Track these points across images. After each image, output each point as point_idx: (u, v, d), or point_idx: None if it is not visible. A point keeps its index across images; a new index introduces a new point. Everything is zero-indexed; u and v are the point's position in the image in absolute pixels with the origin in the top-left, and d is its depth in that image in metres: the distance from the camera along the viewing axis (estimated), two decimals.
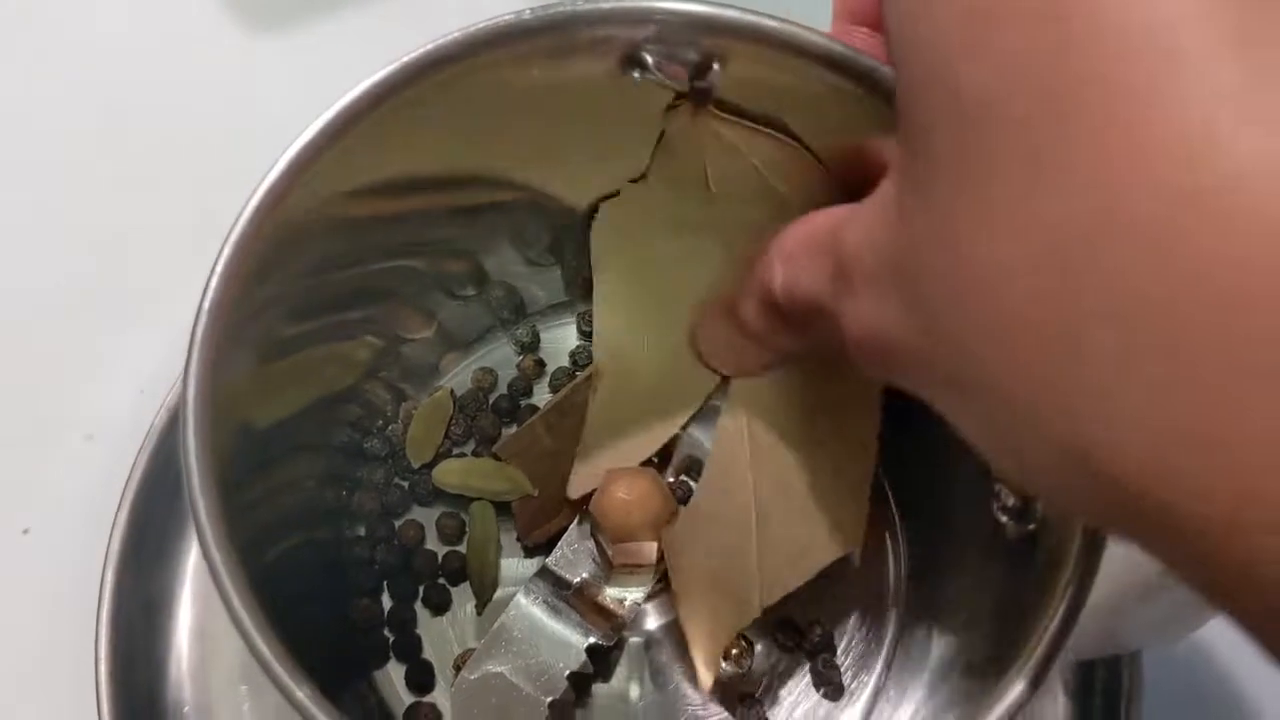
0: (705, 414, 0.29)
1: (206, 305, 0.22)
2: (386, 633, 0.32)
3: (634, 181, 0.27)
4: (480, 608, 0.32)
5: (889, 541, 0.32)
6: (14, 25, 0.44)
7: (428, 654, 0.31)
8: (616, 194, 0.28)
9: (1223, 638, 0.32)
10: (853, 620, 0.32)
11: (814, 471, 0.27)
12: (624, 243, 0.28)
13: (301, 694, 0.19)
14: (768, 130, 0.25)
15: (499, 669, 0.28)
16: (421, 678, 0.31)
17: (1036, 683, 0.21)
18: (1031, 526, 0.24)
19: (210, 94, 0.42)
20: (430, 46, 0.24)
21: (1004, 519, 0.25)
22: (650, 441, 0.30)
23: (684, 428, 0.30)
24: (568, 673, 0.28)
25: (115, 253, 0.40)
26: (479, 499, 0.33)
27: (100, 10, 0.44)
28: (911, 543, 0.32)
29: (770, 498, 0.27)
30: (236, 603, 0.20)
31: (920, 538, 0.32)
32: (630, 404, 0.29)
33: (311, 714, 0.19)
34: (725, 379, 0.28)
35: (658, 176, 0.26)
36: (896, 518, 0.33)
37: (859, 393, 0.26)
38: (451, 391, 0.34)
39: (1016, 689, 0.21)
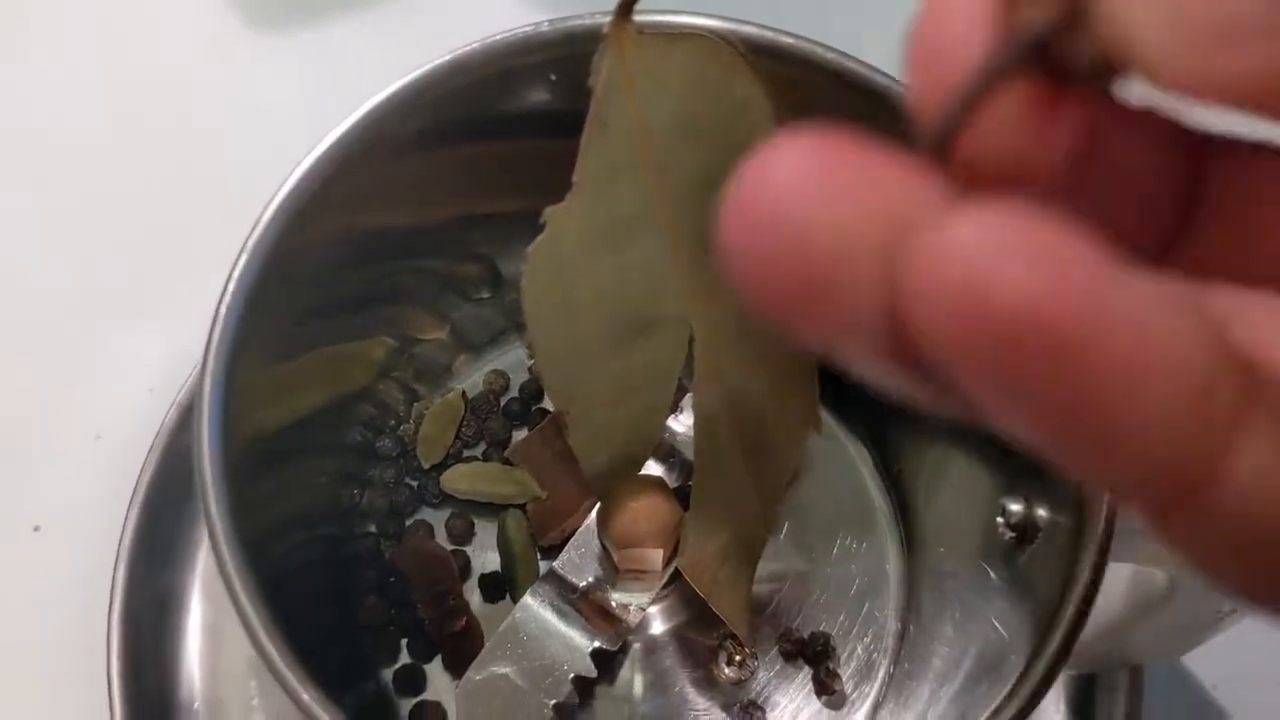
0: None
1: (223, 311, 0.22)
2: (392, 629, 0.32)
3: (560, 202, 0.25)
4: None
5: (892, 555, 0.33)
6: (20, 25, 0.44)
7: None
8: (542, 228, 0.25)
9: (1223, 652, 0.32)
10: (855, 630, 0.32)
11: (773, 375, 0.27)
12: (556, 286, 0.26)
13: (307, 696, 0.19)
14: (691, 29, 0.24)
15: (504, 670, 0.28)
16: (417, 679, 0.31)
17: (1036, 698, 0.22)
18: (1034, 543, 0.25)
19: (219, 96, 0.43)
20: (448, 57, 0.24)
21: (1008, 535, 0.25)
22: (641, 451, 0.30)
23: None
24: (572, 676, 0.28)
25: (125, 253, 0.40)
26: (508, 507, 0.33)
27: (108, 12, 0.44)
28: (915, 556, 0.32)
29: (749, 433, 0.28)
30: (246, 603, 0.20)
31: (924, 551, 0.32)
32: (606, 431, 0.29)
33: (316, 716, 0.19)
34: (689, 358, 0.27)
35: (590, 169, 0.24)
36: (901, 532, 0.33)
37: None
38: (463, 393, 0.34)
39: (1015, 704, 0.21)
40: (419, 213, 0.31)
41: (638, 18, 0.22)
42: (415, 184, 0.29)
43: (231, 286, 0.23)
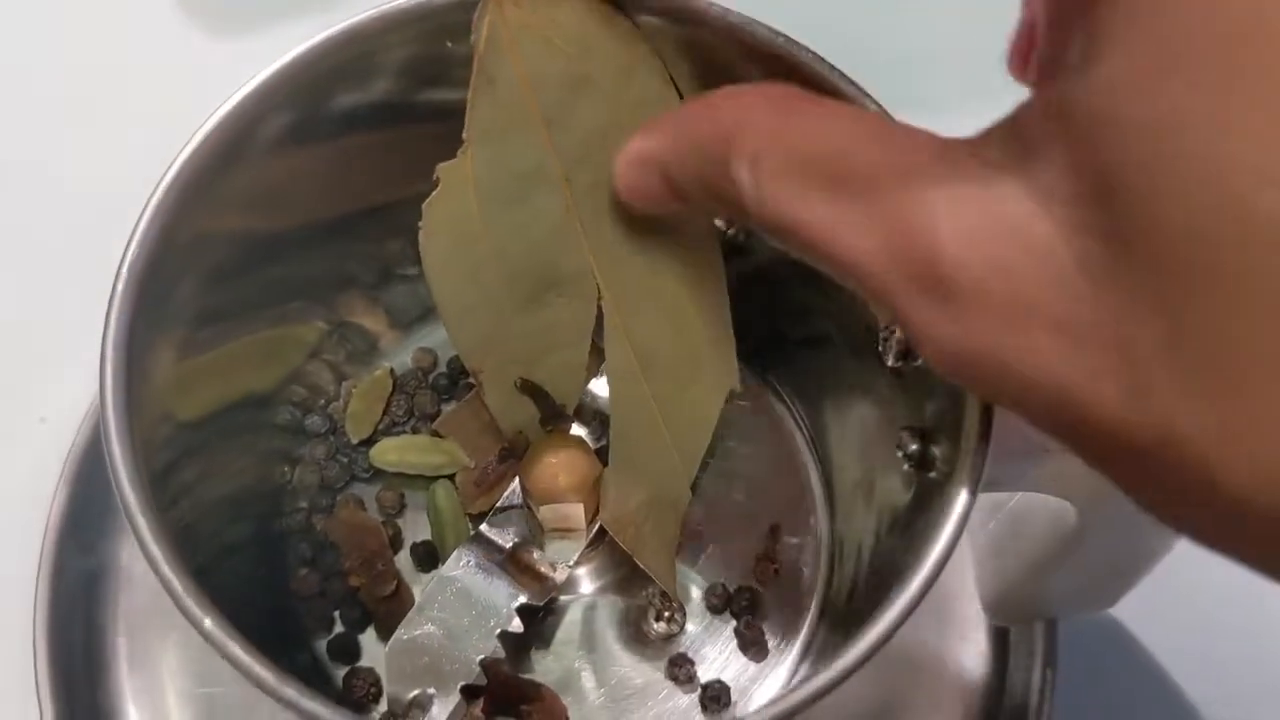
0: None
1: (115, 305, 0.23)
2: (325, 599, 0.32)
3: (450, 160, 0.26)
4: None
5: (820, 514, 0.34)
6: None
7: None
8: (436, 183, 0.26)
9: (1136, 610, 0.33)
10: (782, 585, 0.32)
11: (686, 336, 0.27)
12: (456, 243, 0.26)
13: (209, 623, 0.20)
14: None
15: (431, 629, 0.29)
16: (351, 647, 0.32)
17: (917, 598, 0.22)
18: (933, 474, 0.25)
19: (166, 96, 0.43)
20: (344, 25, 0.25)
21: (907, 467, 0.26)
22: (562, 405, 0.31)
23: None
24: (499, 632, 0.29)
25: (75, 247, 0.40)
26: (437, 477, 0.33)
27: (56, 13, 0.44)
28: (833, 515, 0.33)
29: (664, 391, 0.28)
30: (178, 587, 0.21)
31: (840, 504, 0.33)
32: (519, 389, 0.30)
33: (220, 643, 0.20)
34: (599, 314, 0.27)
35: (480, 125, 0.25)
36: (827, 493, 0.34)
37: (701, 245, 0.27)
38: (391, 370, 0.35)
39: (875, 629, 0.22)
40: (328, 204, 0.30)
41: None
42: (318, 174, 0.29)
43: (122, 280, 0.23)
